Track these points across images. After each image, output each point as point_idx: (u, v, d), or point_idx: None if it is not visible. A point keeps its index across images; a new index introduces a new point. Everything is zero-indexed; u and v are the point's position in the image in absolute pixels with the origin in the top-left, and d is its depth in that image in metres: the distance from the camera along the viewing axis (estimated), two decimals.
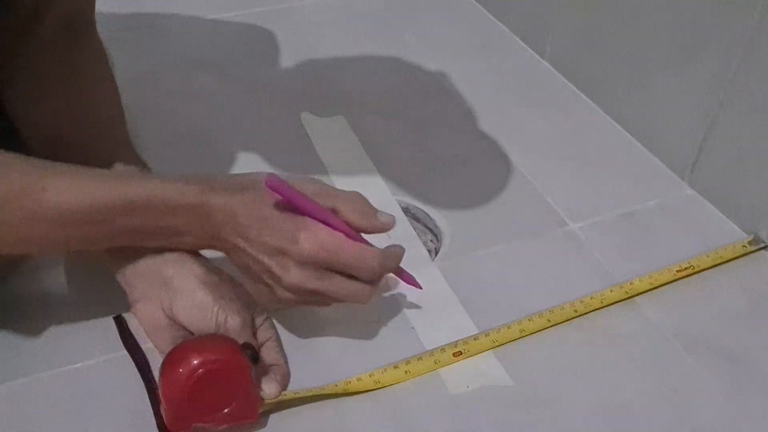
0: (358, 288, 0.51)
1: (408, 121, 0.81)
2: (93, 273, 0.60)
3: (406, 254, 0.55)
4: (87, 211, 0.47)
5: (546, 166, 0.75)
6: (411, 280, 0.57)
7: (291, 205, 0.50)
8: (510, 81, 0.88)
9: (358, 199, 0.53)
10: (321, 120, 0.80)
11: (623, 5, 0.76)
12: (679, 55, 0.70)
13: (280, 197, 0.49)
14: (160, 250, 0.52)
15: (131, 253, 0.53)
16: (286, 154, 0.76)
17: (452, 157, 0.76)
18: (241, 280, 0.55)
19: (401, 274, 0.56)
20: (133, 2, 0.99)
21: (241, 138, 0.77)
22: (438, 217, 0.69)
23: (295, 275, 0.49)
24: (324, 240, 0.49)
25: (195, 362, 0.46)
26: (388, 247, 0.53)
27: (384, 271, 0.53)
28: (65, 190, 0.47)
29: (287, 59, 0.91)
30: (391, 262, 0.54)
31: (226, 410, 0.48)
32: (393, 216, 0.53)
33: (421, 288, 0.57)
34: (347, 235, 0.50)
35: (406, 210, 0.70)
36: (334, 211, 0.51)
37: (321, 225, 0.50)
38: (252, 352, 0.49)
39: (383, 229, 0.53)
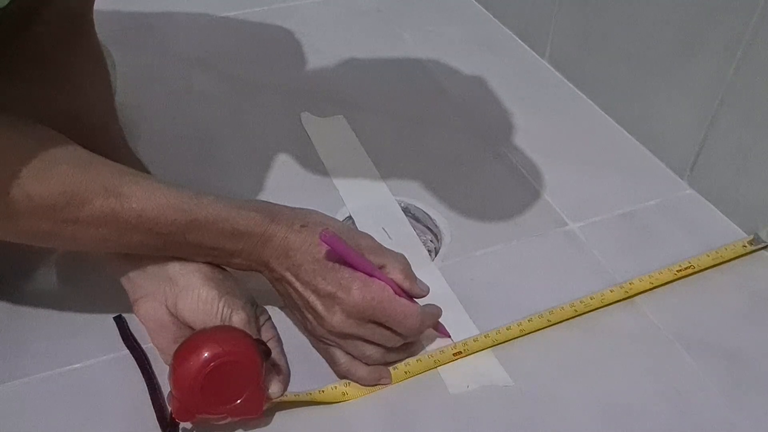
0: (391, 336, 0.53)
1: (408, 121, 0.81)
2: (93, 273, 0.60)
3: (406, 254, 0.55)
4: (162, 222, 0.48)
5: (546, 166, 0.75)
6: (444, 331, 0.57)
7: (342, 258, 0.51)
8: (510, 81, 0.88)
9: (404, 261, 0.55)
10: (321, 120, 0.80)
11: (623, 5, 0.76)
12: (679, 55, 0.70)
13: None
14: None
15: None
16: (286, 154, 0.76)
17: (452, 157, 0.76)
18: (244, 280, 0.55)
19: (437, 327, 0.57)
20: (132, 1, 0.99)
21: (241, 138, 0.77)
22: (438, 217, 0.69)
23: (338, 320, 0.51)
24: (375, 294, 0.51)
25: (211, 353, 0.46)
26: (427, 305, 0.55)
27: (423, 329, 0.55)
28: (145, 197, 0.48)
29: (287, 59, 0.91)
30: (430, 321, 0.55)
31: (234, 403, 0.48)
32: (428, 286, 0.55)
33: (451, 338, 0.57)
34: (394, 291, 0.52)
35: (406, 210, 0.70)
36: (381, 268, 0.53)
37: (375, 280, 0.51)
38: (264, 348, 0.50)
39: (419, 295, 0.54)
